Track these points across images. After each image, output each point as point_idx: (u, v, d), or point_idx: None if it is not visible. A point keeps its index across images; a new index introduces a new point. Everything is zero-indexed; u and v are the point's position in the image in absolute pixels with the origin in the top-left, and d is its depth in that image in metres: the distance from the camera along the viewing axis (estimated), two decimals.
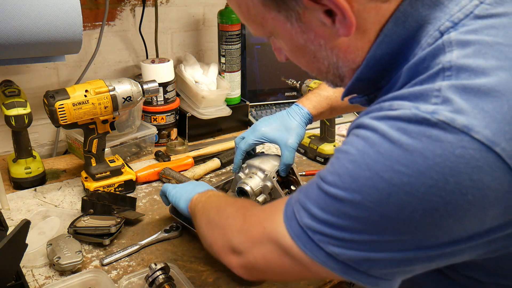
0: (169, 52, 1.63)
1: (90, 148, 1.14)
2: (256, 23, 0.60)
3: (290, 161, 0.99)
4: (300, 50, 0.59)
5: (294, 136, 1.00)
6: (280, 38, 0.61)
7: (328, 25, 0.53)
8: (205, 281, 0.90)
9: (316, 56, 0.59)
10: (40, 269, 0.92)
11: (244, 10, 0.59)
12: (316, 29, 0.55)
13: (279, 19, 0.56)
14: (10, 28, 0.97)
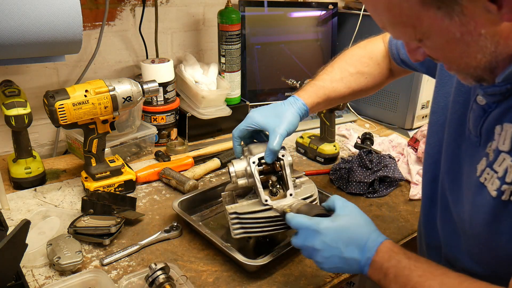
0: (169, 52, 1.63)
1: (90, 148, 1.14)
2: (407, 25, 0.58)
3: (275, 147, 0.92)
4: (453, 45, 0.58)
5: (284, 123, 0.96)
6: (432, 37, 0.58)
7: (494, 12, 0.51)
8: (205, 281, 0.91)
9: (469, 49, 0.57)
10: (40, 269, 0.92)
11: (396, 12, 0.57)
12: (478, 19, 0.53)
13: (437, 16, 0.54)
14: (10, 28, 0.97)
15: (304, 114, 0.99)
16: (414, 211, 1.17)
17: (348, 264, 0.76)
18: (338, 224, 0.77)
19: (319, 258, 0.77)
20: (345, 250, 0.75)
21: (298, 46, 1.82)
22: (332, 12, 1.83)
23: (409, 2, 0.55)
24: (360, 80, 1.04)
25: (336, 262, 0.76)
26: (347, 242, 0.76)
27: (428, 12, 0.54)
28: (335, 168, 1.30)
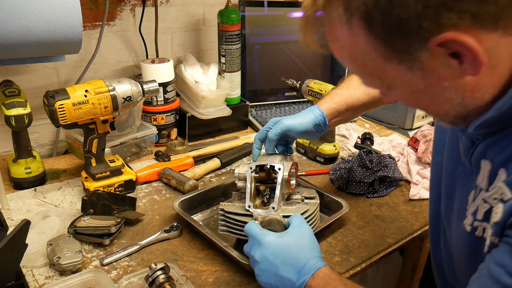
0: (169, 52, 1.63)
1: (90, 148, 1.14)
2: (373, 76, 0.59)
3: (269, 134, 0.99)
4: (419, 96, 0.58)
5: (291, 120, 0.99)
6: (398, 88, 0.59)
7: (455, 66, 0.51)
8: (205, 281, 0.91)
9: (435, 100, 0.57)
10: (40, 269, 0.92)
11: (360, 64, 0.58)
12: (440, 73, 0.53)
13: (399, 70, 0.55)
14: (11, 28, 0.97)
15: (320, 119, 1.00)
16: (414, 211, 1.17)
17: (283, 283, 0.75)
18: (282, 241, 0.78)
19: (257, 270, 0.78)
20: (281, 268, 0.75)
21: (298, 46, 1.81)
22: None
23: (371, 55, 0.54)
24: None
25: (271, 277, 0.76)
26: (285, 260, 0.76)
27: (390, 65, 0.55)
28: (335, 168, 1.30)
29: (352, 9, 0.52)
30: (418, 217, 1.15)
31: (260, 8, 1.71)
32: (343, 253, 1.00)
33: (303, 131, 1.01)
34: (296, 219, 0.84)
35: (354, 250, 1.01)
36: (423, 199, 1.22)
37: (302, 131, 1.01)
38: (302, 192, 1.03)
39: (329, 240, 1.05)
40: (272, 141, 1.01)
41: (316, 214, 1.00)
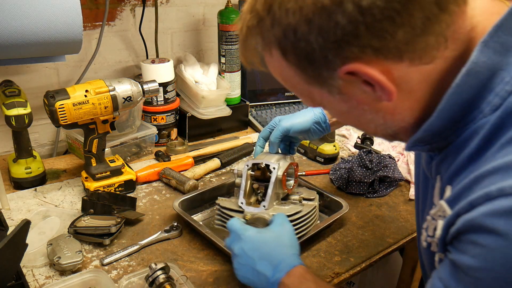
0: (169, 52, 1.63)
1: (90, 148, 1.14)
2: (305, 96, 0.63)
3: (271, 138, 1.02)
4: (345, 116, 0.62)
5: (291, 119, 1.01)
6: (327, 108, 0.63)
7: (369, 92, 0.53)
8: (205, 281, 0.91)
9: (360, 120, 0.60)
10: (40, 269, 0.92)
11: (290, 85, 0.62)
12: (357, 97, 0.56)
13: (322, 93, 0.58)
14: (11, 28, 0.97)
15: (320, 117, 1.02)
16: (414, 211, 1.17)
17: (259, 278, 0.77)
18: (261, 236, 0.80)
19: (235, 263, 0.80)
20: (258, 262, 0.77)
21: None
22: None
23: (295, 79, 0.58)
24: None
25: (248, 272, 0.78)
26: (262, 256, 0.77)
27: (314, 89, 0.58)
28: (335, 168, 1.30)
29: (268, 40, 0.55)
30: None
31: None
32: (343, 253, 1.00)
33: (303, 130, 1.02)
34: (279, 217, 0.85)
35: (354, 250, 1.01)
36: None
37: (302, 130, 1.02)
38: (301, 193, 1.04)
39: (329, 240, 1.05)
40: (274, 144, 1.03)
41: (311, 217, 0.99)
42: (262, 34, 0.55)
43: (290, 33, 0.52)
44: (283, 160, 1.01)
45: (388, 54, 0.49)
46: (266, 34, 0.55)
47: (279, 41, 0.54)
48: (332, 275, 0.94)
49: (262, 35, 0.56)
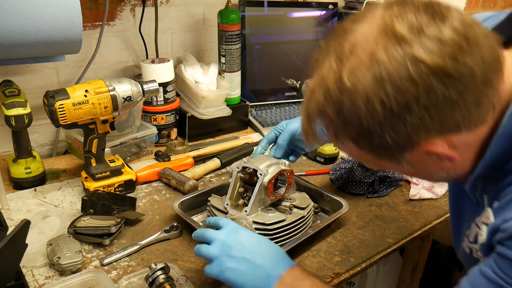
0: (169, 52, 1.63)
1: (90, 148, 1.14)
2: (371, 164, 0.70)
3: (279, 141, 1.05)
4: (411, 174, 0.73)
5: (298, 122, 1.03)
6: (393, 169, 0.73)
7: (435, 159, 0.61)
8: (205, 281, 0.90)
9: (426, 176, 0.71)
10: (40, 269, 0.92)
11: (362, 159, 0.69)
12: (424, 163, 0.63)
13: (391, 163, 0.65)
14: (11, 28, 0.97)
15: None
16: (414, 211, 1.17)
17: (255, 271, 0.77)
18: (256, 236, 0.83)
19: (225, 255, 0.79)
20: (258, 257, 0.78)
21: (298, 46, 1.82)
22: (332, 12, 1.83)
23: (366, 156, 0.65)
24: None
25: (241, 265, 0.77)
26: (262, 252, 0.79)
27: (383, 161, 0.65)
28: (335, 168, 1.30)
29: (340, 136, 0.63)
30: (418, 217, 1.15)
31: (260, 8, 1.71)
32: (343, 253, 1.00)
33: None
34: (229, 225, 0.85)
35: (354, 250, 1.01)
36: (423, 199, 1.22)
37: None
38: (294, 200, 1.04)
39: (329, 240, 1.05)
40: (282, 147, 1.04)
41: (297, 226, 0.99)
42: (335, 131, 0.63)
43: (364, 132, 0.59)
44: (275, 166, 1.00)
45: (449, 131, 0.58)
46: (339, 131, 0.62)
47: (352, 137, 0.62)
48: (332, 275, 0.94)
49: (334, 132, 0.63)
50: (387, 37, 0.55)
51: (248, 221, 0.93)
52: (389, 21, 0.56)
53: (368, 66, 0.56)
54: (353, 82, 0.57)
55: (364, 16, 0.60)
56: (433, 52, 0.53)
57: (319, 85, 0.61)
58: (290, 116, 1.70)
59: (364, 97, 0.56)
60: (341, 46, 0.59)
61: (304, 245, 1.01)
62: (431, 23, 0.55)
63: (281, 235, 0.96)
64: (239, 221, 0.93)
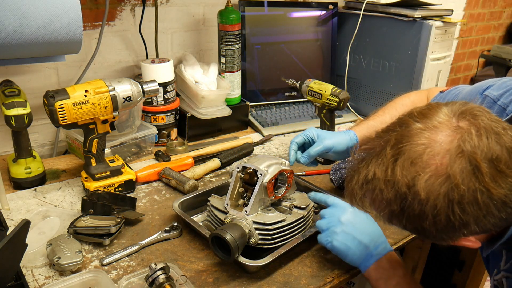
0: (169, 52, 1.63)
1: (90, 148, 1.14)
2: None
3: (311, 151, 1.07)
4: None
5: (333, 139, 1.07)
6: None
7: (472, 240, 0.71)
8: (205, 281, 0.91)
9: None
10: (40, 269, 0.92)
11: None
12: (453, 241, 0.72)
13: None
14: (10, 28, 0.97)
15: (354, 143, 1.09)
16: None
17: (359, 248, 0.89)
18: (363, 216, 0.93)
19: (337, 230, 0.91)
20: (363, 235, 0.89)
21: (298, 46, 1.82)
22: (332, 12, 1.83)
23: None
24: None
25: (348, 240, 0.89)
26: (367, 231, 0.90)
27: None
28: (335, 168, 1.30)
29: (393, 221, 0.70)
30: None
31: (260, 8, 1.71)
32: None
33: (340, 151, 1.08)
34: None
35: None
36: None
37: (340, 151, 1.08)
38: (294, 200, 1.04)
39: None
40: (311, 157, 1.07)
41: (297, 226, 0.99)
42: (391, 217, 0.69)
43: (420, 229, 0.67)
44: (275, 166, 1.00)
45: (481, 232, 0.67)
46: (395, 220, 0.69)
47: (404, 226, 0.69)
48: (332, 275, 0.94)
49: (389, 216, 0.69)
50: (462, 157, 0.62)
51: (248, 221, 0.93)
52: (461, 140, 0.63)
53: (442, 182, 0.62)
54: (427, 194, 0.63)
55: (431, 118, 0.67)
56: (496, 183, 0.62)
57: (388, 180, 0.66)
58: (290, 116, 1.70)
59: (433, 209, 0.63)
60: (415, 151, 0.64)
61: (304, 245, 1.01)
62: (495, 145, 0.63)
63: (281, 235, 0.96)
64: (239, 221, 0.93)
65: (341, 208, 0.94)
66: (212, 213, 1.01)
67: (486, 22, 3.09)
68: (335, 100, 1.30)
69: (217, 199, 1.04)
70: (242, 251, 0.90)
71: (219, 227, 0.94)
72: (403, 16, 1.64)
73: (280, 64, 1.78)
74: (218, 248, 0.91)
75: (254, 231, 0.93)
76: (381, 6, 1.71)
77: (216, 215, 0.99)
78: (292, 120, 1.69)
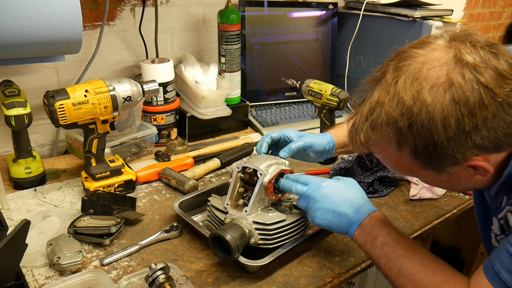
0: (169, 52, 1.63)
1: (90, 148, 1.14)
2: (407, 171, 0.77)
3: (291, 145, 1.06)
4: (440, 183, 0.79)
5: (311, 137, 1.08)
6: (424, 178, 0.80)
7: (471, 172, 0.71)
8: (205, 281, 0.91)
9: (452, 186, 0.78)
10: (40, 269, 0.92)
11: (401, 166, 0.76)
12: (459, 175, 0.73)
13: (431, 173, 0.73)
14: (10, 28, 0.97)
15: (331, 145, 1.11)
16: (414, 211, 1.17)
17: (339, 218, 0.88)
18: (339, 184, 0.91)
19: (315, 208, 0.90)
20: (340, 205, 0.88)
21: (298, 46, 1.82)
22: (332, 12, 1.83)
23: (411, 165, 0.73)
24: None
25: (328, 214, 0.88)
26: (343, 199, 0.88)
27: (424, 170, 0.73)
28: (335, 168, 1.30)
29: (404, 146, 0.70)
30: (418, 217, 1.15)
31: (260, 8, 1.71)
32: (343, 253, 1.00)
33: (319, 151, 1.09)
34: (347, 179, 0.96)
35: (354, 250, 1.01)
36: (423, 199, 1.22)
37: (319, 151, 1.09)
38: (294, 200, 1.03)
39: (329, 240, 1.05)
40: (291, 151, 1.06)
41: (297, 226, 0.99)
42: (399, 143, 0.70)
43: (430, 145, 0.67)
44: (275, 166, 0.99)
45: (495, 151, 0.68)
46: (405, 143, 0.69)
47: (415, 149, 0.69)
48: (332, 275, 0.94)
49: (397, 144, 0.70)
50: (461, 64, 0.65)
51: (248, 221, 0.93)
52: (458, 52, 0.66)
53: (446, 88, 0.65)
54: (433, 100, 0.65)
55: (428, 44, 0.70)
56: (498, 83, 0.64)
57: (391, 100, 0.68)
58: (290, 116, 1.70)
59: (441, 114, 0.65)
60: (414, 67, 0.67)
61: (304, 245, 1.01)
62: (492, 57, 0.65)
63: (281, 235, 0.96)
64: (239, 221, 0.93)
65: (314, 184, 0.92)
66: (212, 213, 1.01)
67: (486, 22, 3.09)
68: (335, 100, 1.30)
69: (217, 199, 1.04)
70: (242, 251, 0.90)
71: (219, 227, 0.94)
72: (403, 16, 1.64)
73: (280, 64, 1.78)
74: (218, 248, 0.91)
75: (254, 231, 0.93)
76: (381, 6, 1.71)
77: (216, 215, 0.99)
78: (292, 120, 1.69)
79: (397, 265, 0.80)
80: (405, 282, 0.78)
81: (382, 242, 0.83)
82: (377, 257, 0.83)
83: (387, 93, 0.69)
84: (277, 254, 0.92)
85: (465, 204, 1.22)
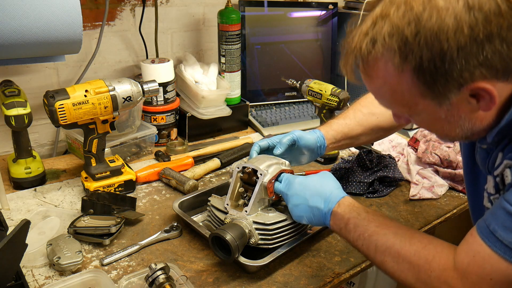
0: (169, 52, 1.63)
1: (90, 148, 1.14)
2: (404, 106, 0.70)
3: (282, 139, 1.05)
4: (437, 122, 0.71)
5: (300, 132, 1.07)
6: (422, 115, 0.71)
7: (473, 103, 0.65)
8: (205, 281, 0.91)
9: (450, 126, 0.71)
10: (40, 269, 0.92)
11: (398, 97, 0.69)
12: (461, 107, 0.67)
13: (430, 104, 0.67)
14: (10, 28, 0.97)
15: (321, 141, 1.09)
16: (414, 211, 1.17)
17: (312, 212, 0.89)
18: (308, 179, 0.93)
19: (290, 205, 0.93)
20: (310, 199, 0.89)
21: (298, 46, 1.82)
22: (332, 12, 1.83)
23: (411, 92, 0.66)
24: (371, 119, 1.11)
25: (302, 210, 0.90)
26: (313, 193, 0.89)
27: (424, 100, 0.67)
28: (335, 168, 1.30)
29: (408, 60, 0.63)
30: (418, 217, 1.15)
31: (260, 8, 1.71)
32: (343, 253, 1.00)
33: (309, 145, 1.07)
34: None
35: (354, 250, 1.01)
36: (423, 199, 1.22)
37: (309, 145, 1.07)
38: None
39: (329, 240, 1.05)
40: (282, 145, 1.05)
41: (297, 226, 0.99)
42: (403, 54, 0.63)
43: (436, 57, 0.61)
44: (275, 166, 0.99)
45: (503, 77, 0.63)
46: (409, 56, 0.62)
47: (420, 64, 0.62)
48: (332, 275, 0.94)
49: (402, 56, 0.63)
50: None
51: (248, 221, 0.93)
52: None
53: None
54: (445, 4, 0.60)
55: None
56: None
57: (398, 9, 0.62)
58: (290, 116, 1.70)
59: (453, 18, 0.59)
60: None
61: (304, 245, 1.01)
62: None
63: (281, 235, 0.96)
64: (239, 221, 0.93)
65: (287, 182, 0.94)
66: (212, 213, 1.01)
67: None
68: (335, 100, 1.30)
69: (217, 199, 1.04)
70: (242, 251, 0.90)
71: (219, 227, 0.94)
72: None
73: (280, 64, 1.78)
74: (218, 248, 0.91)
75: (254, 231, 0.93)
76: None
77: (216, 215, 0.99)
78: (292, 120, 1.69)
79: (372, 243, 0.79)
80: (383, 258, 0.77)
81: (354, 224, 0.83)
82: (353, 240, 0.83)
83: (392, 4, 0.63)
84: (277, 254, 0.92)
85: (465, 204, 1.22)
